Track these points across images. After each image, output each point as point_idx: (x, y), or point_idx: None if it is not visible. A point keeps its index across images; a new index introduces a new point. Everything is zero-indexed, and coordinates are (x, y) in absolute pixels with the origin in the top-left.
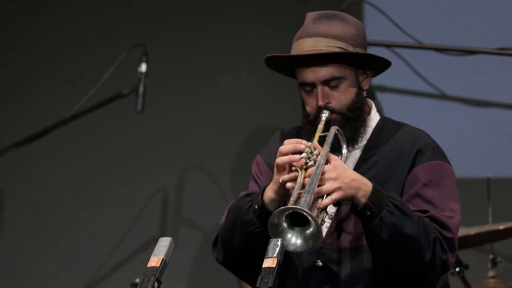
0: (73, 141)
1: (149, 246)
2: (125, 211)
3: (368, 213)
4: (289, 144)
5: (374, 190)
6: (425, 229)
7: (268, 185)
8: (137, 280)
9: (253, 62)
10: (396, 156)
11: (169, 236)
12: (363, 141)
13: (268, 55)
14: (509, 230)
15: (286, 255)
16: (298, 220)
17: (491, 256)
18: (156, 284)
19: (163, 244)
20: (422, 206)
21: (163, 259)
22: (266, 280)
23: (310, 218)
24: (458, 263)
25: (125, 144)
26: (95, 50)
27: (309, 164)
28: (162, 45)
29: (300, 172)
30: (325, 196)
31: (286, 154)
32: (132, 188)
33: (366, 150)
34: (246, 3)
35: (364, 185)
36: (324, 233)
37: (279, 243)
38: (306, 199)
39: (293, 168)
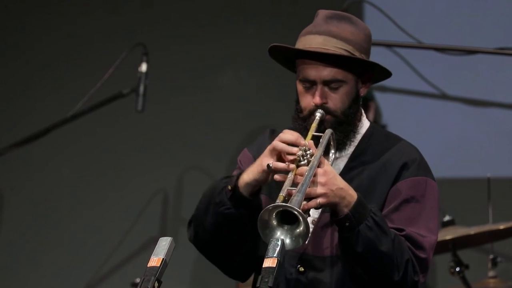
0: (73, 141)
1: (149, 246)
2: (125, 211)
3: (347, 224)
4: (291, 135)
5: (357, 202)
6: (400, 249)
7: (247, 169)
8: (137, 280)
9: (253, 62)
10: (381, 167)
11: (169, 236)
12: (351, 148)
13: (274, 44)
14: (510, 230)
15: None
16: (287, 218)
17: (491, 256)
18: (156, 284)
19: (163, 244)
20: (400, 223)
21: (163, 259)
22: (266, 280)
23: (301, 219)
24: (458, 263)
25: (125, 144)
26: (95, 50)
27: (301, 162)
28: (162, 45)
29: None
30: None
31: (286, 144)
32: (132, 188)
33: (352, 158)
34: (246, 3)
35: (349, 196)
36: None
37: (279, 242)
38: (298, 198)
39: (286, 162)
